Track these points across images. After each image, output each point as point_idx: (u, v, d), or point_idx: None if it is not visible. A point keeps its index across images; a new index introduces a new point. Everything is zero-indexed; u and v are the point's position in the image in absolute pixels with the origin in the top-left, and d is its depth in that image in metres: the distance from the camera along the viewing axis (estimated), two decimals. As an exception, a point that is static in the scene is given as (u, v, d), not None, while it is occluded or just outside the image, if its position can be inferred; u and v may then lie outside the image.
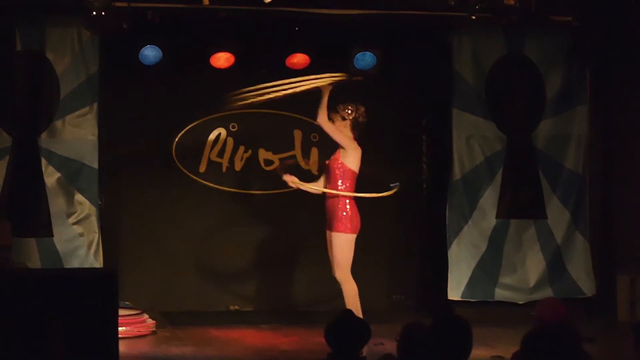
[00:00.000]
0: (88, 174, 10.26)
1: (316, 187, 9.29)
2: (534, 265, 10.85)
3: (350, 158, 9.07)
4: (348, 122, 9.07)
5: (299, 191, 9.55)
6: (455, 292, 10.67)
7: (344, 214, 9.01)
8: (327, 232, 9.15)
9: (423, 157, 11.59)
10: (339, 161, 9.09)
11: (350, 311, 5.57)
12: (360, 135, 9.12)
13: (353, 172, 9.08)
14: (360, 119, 9.08)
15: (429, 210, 11.38)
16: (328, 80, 8.97)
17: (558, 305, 5.93)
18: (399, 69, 10.99)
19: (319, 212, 9.25)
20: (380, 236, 11.12)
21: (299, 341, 9.47)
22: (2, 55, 10.15)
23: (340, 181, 9.07)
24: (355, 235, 9.03)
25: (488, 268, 10.75)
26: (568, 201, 10.94)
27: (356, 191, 9.07)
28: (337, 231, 9.01)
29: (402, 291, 11.48)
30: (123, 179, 10.98)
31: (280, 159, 10.86)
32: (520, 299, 10.75)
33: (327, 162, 9.26)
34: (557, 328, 4.74)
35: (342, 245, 9.00)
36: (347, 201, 9.05)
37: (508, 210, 10.84)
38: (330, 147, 9.29)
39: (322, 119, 8.99)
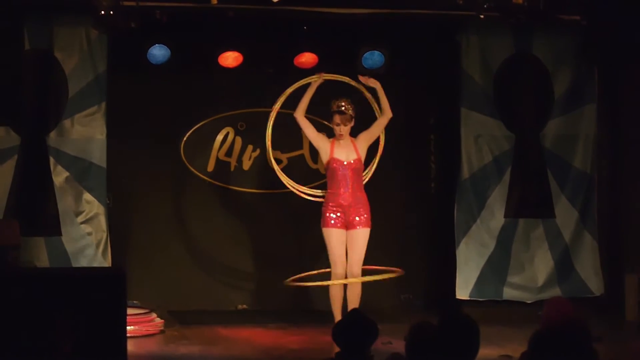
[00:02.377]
0: (96, 173, 10.26)
1: None
2: (542, 265, 10.82)
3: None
4: (349, 116, 9.34)
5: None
6: (463, 291, 10.65)
7: (368, 208, 9.32)
8: (345, 230, 9.23)
9: (431, 156, 11.58)
10: (361, 160, 9.29)
11: (358, 310, 5.58)
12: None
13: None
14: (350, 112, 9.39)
15: (437, 210, 11.38)
16: None
17: (565, 304, 5.92)
18: (407, 68, 10.98)
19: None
20: (388, 235, 11.11)
21: (307, 340, 9.47)
22: (10, 55, 10.15)
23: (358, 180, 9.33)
24: None
25: (496, 267, 10.73)
26: (576, 200, 10.91)
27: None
28: (366, 227, 9.34)
29: (410, 290, 11.47)
30: (131, 178, 10.98)
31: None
32: (528, 298, 10.73)
33: (347, 161, 9.33)
34: (565, 327, 4.74)
35: (366, 240, 9.22)
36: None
37: (516, 209, 10.82)
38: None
39: (300, 112, 9.48)
